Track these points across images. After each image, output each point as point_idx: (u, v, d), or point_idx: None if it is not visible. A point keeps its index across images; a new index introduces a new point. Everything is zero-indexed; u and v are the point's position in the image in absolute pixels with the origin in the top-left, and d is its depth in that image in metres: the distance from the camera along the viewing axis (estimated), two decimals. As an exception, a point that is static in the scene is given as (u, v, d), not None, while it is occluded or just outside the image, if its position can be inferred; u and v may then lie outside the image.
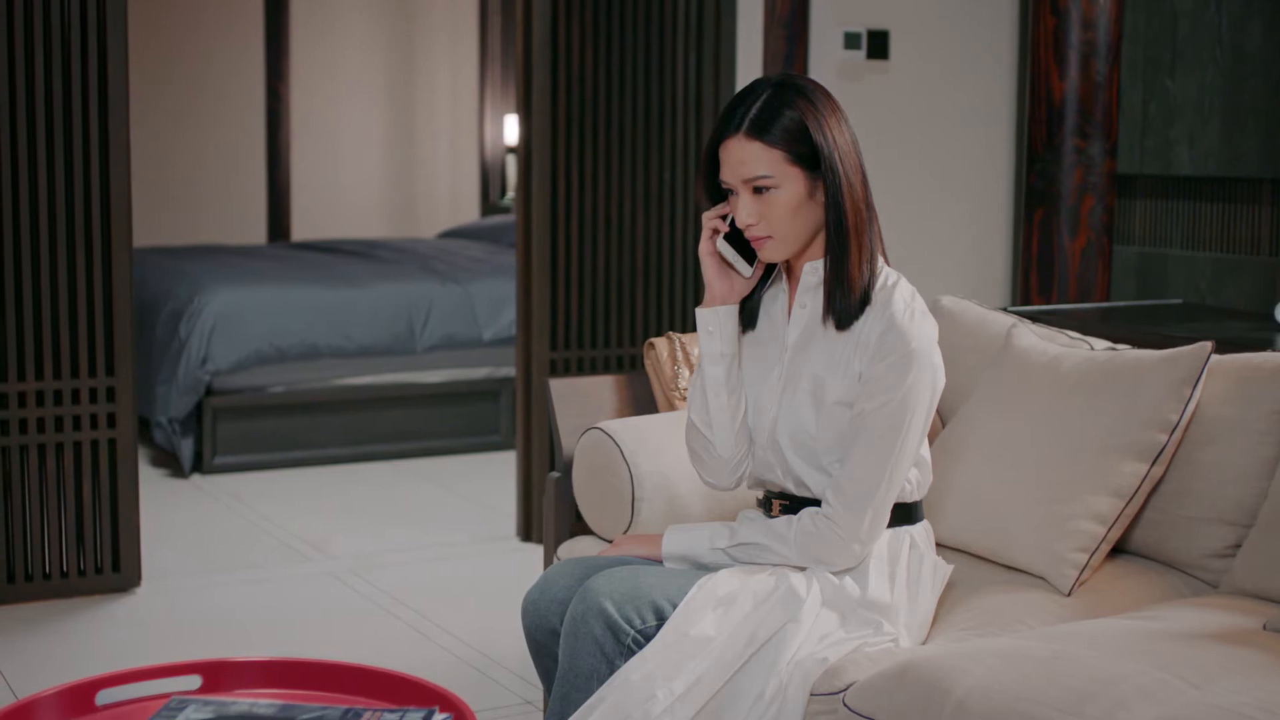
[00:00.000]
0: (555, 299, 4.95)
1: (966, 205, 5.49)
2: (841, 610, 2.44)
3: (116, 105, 4.28)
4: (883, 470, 2.42)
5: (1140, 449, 2.67)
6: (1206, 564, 2.72)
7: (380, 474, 6.11)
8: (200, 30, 9.71)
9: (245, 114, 9.88)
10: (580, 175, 4.94)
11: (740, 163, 2.41)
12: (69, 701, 2.11)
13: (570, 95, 4.90)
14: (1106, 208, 4.29)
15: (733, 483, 2.61)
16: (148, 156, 9.26)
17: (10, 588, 4.27)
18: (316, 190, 10.14)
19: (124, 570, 4.40)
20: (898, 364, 2.40)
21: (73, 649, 3.96)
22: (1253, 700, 2.04)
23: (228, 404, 6.05)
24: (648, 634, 2.36)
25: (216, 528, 5.25)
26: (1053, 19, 4.24)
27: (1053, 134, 4.26)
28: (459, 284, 6.69)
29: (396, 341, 6.44)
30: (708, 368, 2.55)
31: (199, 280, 6.38)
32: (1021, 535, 2.72)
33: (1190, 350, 2.71)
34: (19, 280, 4.22)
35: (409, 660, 3.85)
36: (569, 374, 4.95)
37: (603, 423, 2.99)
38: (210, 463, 6.00)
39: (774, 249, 2.46)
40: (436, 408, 6.44)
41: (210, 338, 6.06)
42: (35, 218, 4.22)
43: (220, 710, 2.03)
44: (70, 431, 4.32)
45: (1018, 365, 2.92)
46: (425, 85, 10.48)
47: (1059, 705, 2.05)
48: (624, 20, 4.94)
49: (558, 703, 2.40)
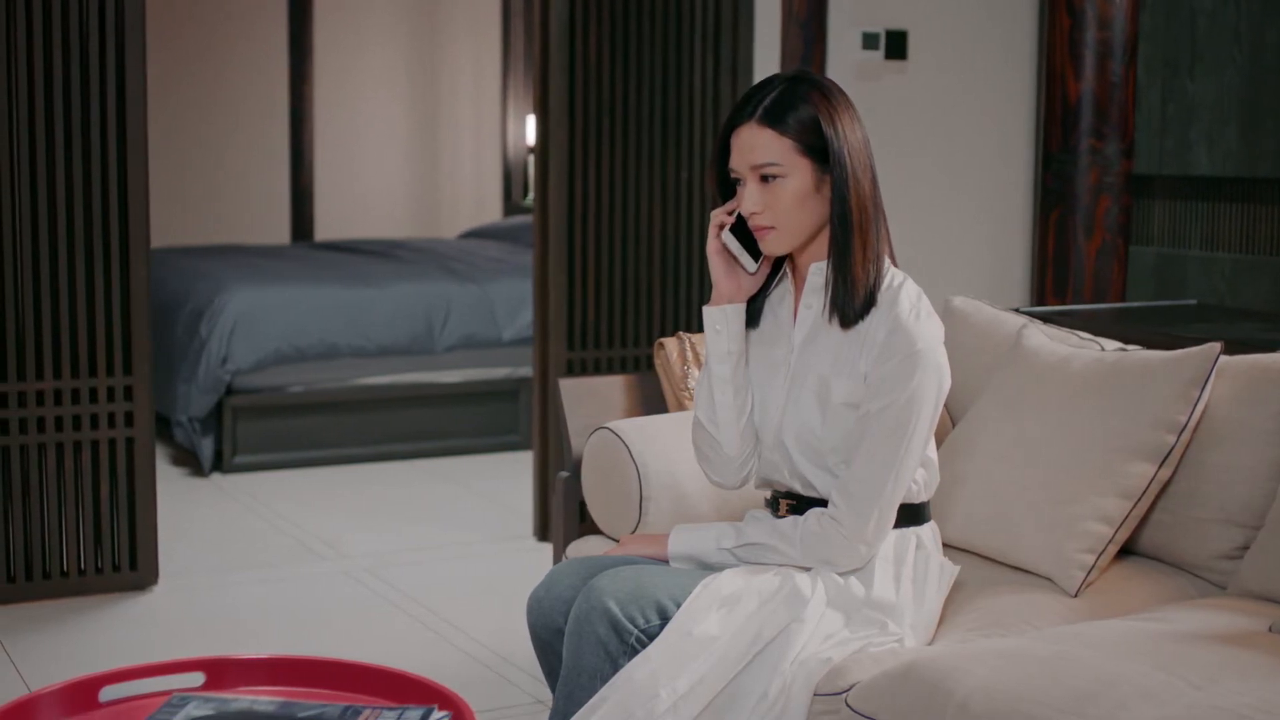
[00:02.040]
0: (572, 299, 4.96)
1: (985, 205, 5.47)
2: (846, 610, 2.44)
3: (134, 104, 4.30)
4: (889, 471, 2.41)
5: (1148, 450, 2.66)
6: (1215, 565, 2.71)
7: (399, 473, 6.12)
8: (225, 32, 9.75)
9: (269, 115, 9.92)
10: (597, 175, 4.95)
11: (750, 149, 2.43)
12: (72, 697, 2.13)
13: (587, 96, 4.90)
14: (1122, 208, 4.28)
15: (738, 482, 2.62)
16: (173, 157, 9.32)
17: (28, 585, 4.30)
18: (340, 191, 10.18)
19: (141, 568, 4.43)
20: (903, 365, 2.40)
21: (88, 646, 3.98)
22: (1255, 702, 2.03)
23: (248, 403, 6.07)
24: (651, 633, 2.36)
25: (235, 526, 5.27)
26: (1068, 19, 4.23)
27: (1068, 134, 4.25)
28: (478, 284, 6.71)
29: (416, 341, 6.46)
30: (714, 366, 2.55)
31: (220, 280, 6.41)
32: (1029, 536, 2.71)
33: (1199, 351, 2.70)
34: (37, 279, 4.25)
35: (421, 659, 3.86)
36: (586, 374, 4.95)
37: (611, 423, 3.00)
38: (230, 462, 6.02)
39: (776, 240, 2.46)
40: (455, 407, 6.45)
41: (230, 337, 6.09)
42: (53, 217, 4.25)
43: (221, 707, 2.04)
44: (88, 430, 4.34)
45: (1027, 366, 2.91)
46: (448, 85, 10.50)
47: (1061, 706, 2.04)
48: (641, 20, 4.94)
49: (561, 701, 2.41)
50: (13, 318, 4.23)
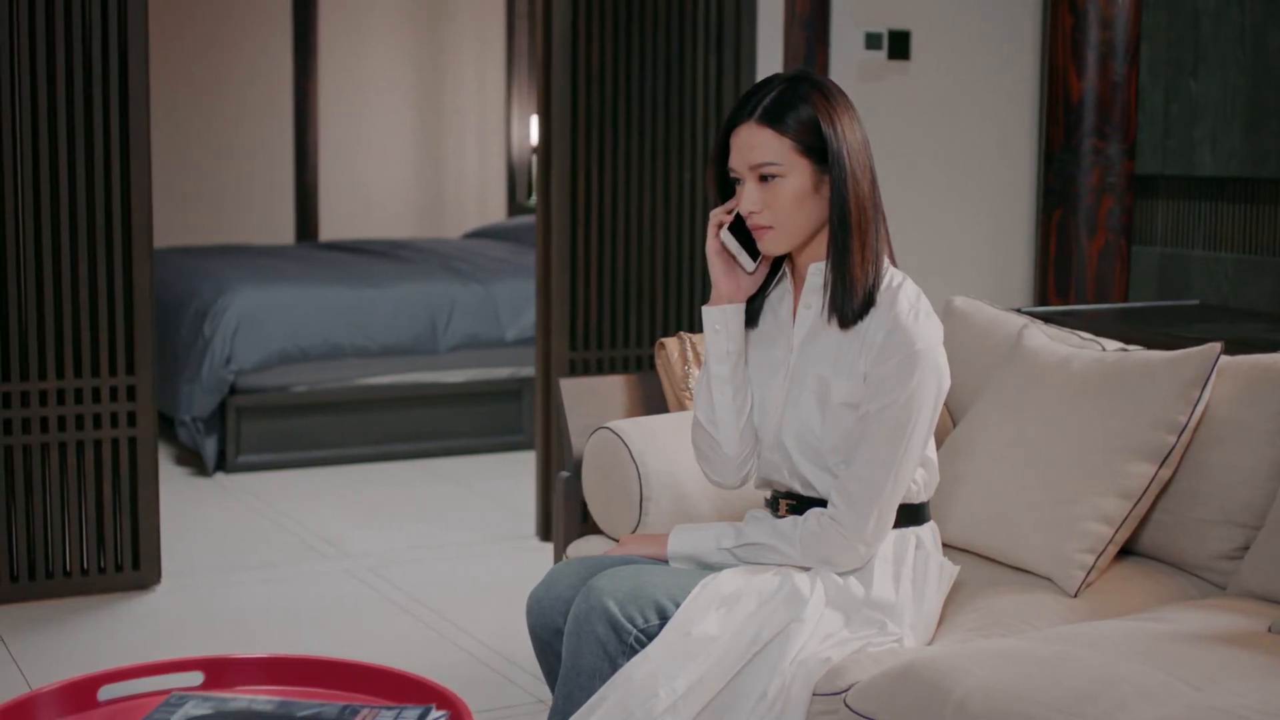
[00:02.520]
0: (574, 299, 4.96)
1: (989, 206, 5.47)
2: (846, 610, 2.44)
3: (137, 103, 4.30)
4: (888, 471, 2.41)
5: (1148, 450, 2.66)
6: (1215, 565, 2.71)
7: (402, 473, 6.12)
8: (229, 31, 9.76)
9: (274, 114, 9.94)
10: (600, 176, 4.95)
11: (750, 148, 2.43)
12: (71, 696, 2.13)
13: (590, 96, 4.90)
14: (1125, 208, 4.27)
15: (738, 481, 2.62)
16: (178, 157, 9.33)
17: (31, 584, 4.30)
18: (345, 190, 10.19)
19: (143, 568, 4.43)
20: (902, 365, 2.40)
21: (90, 646, 3.99)
22: (1254, 702, 2.03)
23: (251, 403, 6.07)
24: (650, 633, 2.36)
25: (237, 526, 5.27)
26: (1070, 18, 4.22)
27: (1070, 134, 4.25)
28: (481, 284, 6.71)
29: (419, 341, 6.46)
30: (713, 365, 2.55)
31: (224, 280, 6.42)
32: (1029, 536, 2.71)
33: (1199, 351, 2.70)
34: (40, 279, 4.25)
35: (423, 658, 3.86)
36: (589, 374, 4.95)
37: (611, 422, 3.00)
38: (233, 461, 6.03)
39: (774, 240, 2.46)
40: (459, 407, 6.45)
41: (234, 337, 6.09)
42: (56, 216, 4.25)
43: (219, 706, 2.05)
44: (91, 430, 4.34)
45: (1028, 366, 2.91)
46: (453, 85, 10.51)
47: (1059, 706, 2.04)
48: (643, 21, 4.94)
49: (560, 701, 2.41)
50: (16, 317, 4.24)
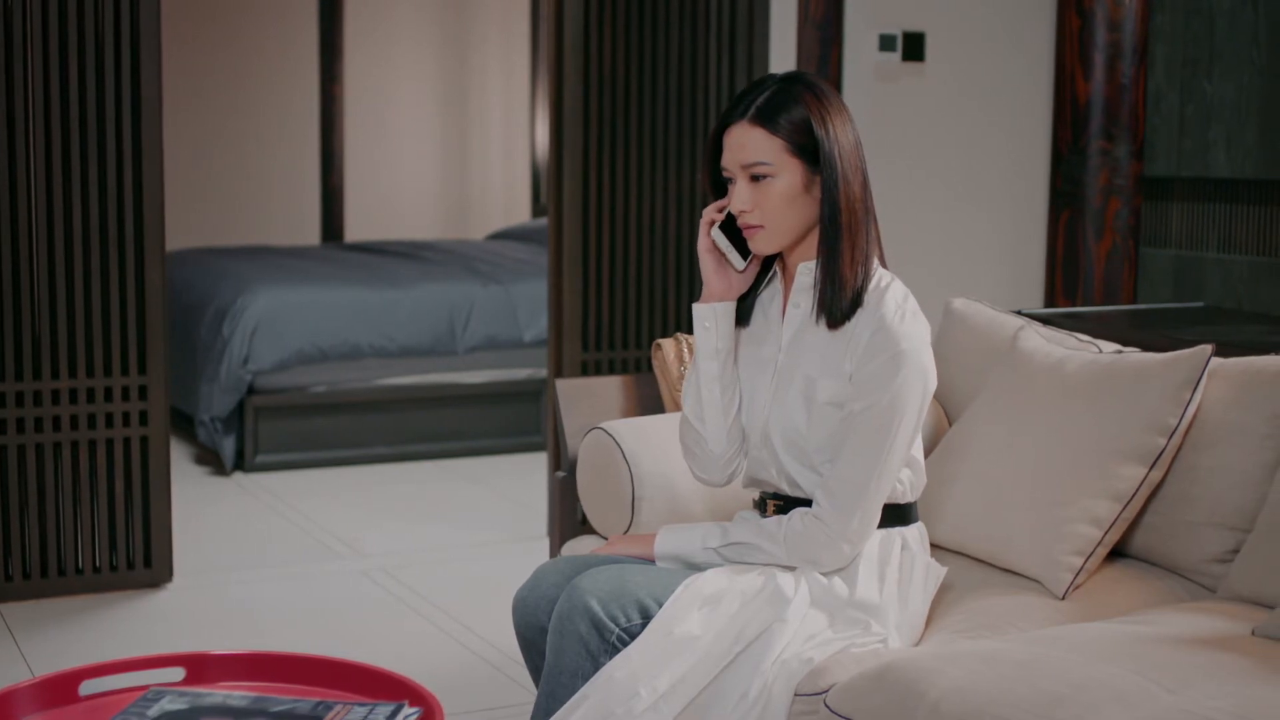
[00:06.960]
0: (586, 301, 4.97)
1: (1001, 207, 5.45)
2: (830, 610, 2.44)
3: (150, 104, 4.33)
4: (872, 471, 2.42)
5: (1139, 452, 2.65)
6: (1206, 569, 2.70)
7: (421, 474, 6.15)
8: (255, 33, 9.81)
9: (300, 116, 9.98)
10: (612, 177, 4.96)
11: (741, 147, 2.44)
12: (52, 691, 2.15)
13: (602, 97, 4.91)
14: (1132, 210, 4.26)
15: (723, 479, 2.63)
16: (204, 159, 9.39)
17: (43, 582, 4.34)
18: (370, 192, 10.22)
19: (155, 566, 4.46)
20: (887, 365, 2.41)
21: (100, 643, 4.02)
22: (1228, 705, 2.02)
23: (270, 403, 6.11)
24: (633, 632, 2.37)
25: (253, 525, 5.31)
26: (1078, 20, 4.21)
27: (1078, 136, 4.23)
28: (501, 285, 6.73)
29: (438, 342, 6.49)
30: (703, 363, 2.57)
31: (243, 280, 6.46)
32: (1019, 538, 2.71)
33: (1190, 354, 2.69)
34: (52, 278, 4.29)
35: (430, 658, 3.88)
36: (601, 376, 4.96)
37: (605, 423, 3.01)
38: (252, 461, 6.06)
39: (765, 239, 2.47)
40: (478, 408, 6.47)
41: (253, 337, 6.13)
42: (69, 216, 4.29)
43: (195, 701, 2.07)
44: (103, 429, 4.38)
45: (1022, 368, 2.91)
46: (478, 86, 10.54)
47: (1031, 709, 2.04)
48: (656, 22, 4.95)
49: (543, 699, 2.42)
50: (29, 317, 4.28)
